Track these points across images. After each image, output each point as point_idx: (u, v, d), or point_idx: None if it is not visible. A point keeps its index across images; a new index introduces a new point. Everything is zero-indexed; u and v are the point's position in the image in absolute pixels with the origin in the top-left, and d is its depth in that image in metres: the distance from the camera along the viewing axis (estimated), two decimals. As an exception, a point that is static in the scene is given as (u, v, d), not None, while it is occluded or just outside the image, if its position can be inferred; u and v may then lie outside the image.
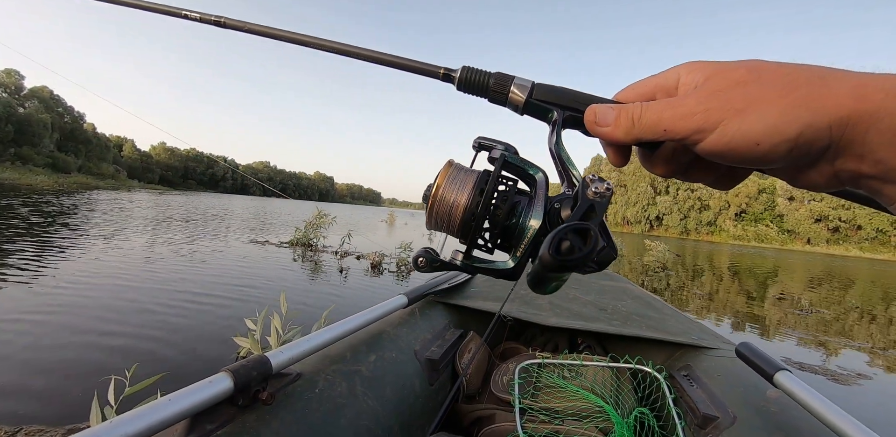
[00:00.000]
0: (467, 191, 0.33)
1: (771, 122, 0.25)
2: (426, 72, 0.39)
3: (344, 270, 6.58)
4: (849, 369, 4.03)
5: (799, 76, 0.25)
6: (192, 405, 0.60)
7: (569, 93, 0.34)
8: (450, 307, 1.58)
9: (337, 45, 0.42)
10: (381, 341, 1.12)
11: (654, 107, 0.29)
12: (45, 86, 65.35)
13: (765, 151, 0.25)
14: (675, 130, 0.28)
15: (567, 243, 0.24)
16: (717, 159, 0.28)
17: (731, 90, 0.26)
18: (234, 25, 0.48)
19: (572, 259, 0.24)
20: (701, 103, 0.27)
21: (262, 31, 0.46)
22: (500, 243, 0.34)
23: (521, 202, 0.33)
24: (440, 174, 0.33)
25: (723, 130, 0.26)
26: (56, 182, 39.84)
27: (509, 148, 0.36)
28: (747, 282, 11.40)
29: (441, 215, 0.33)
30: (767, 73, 0.26)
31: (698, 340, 1.40)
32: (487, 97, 0.37)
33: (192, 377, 0.76)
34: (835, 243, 74.55)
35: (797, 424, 0.89)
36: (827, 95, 0.24)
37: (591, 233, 0.24)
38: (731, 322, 5.78)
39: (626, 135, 0.30)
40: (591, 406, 1.08)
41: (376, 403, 0.94)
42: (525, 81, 0.35)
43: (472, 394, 1.29)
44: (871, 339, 5.54)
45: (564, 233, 0.24)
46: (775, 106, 0.25)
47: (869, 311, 8.05)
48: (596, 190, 0.28)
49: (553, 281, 0.29)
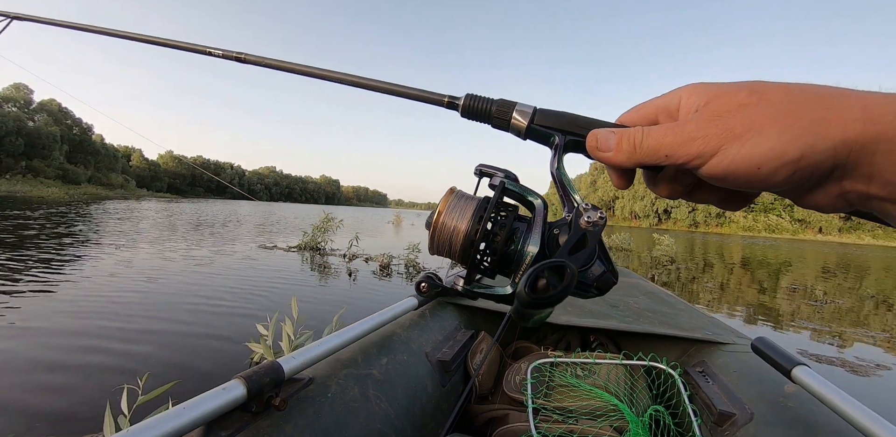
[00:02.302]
0: (467, 218, 0.33)
1: (771, 145, 0.24)
2: (431, 100, 0.40)
3: (353, 272, 6.60)
4: (867, 359, 3.97)
5: (801, 98, 0.25)
6: (206, 412, 0.61)
7: (570, 117, 0.34)
8: (460, 308, 1.58)
9: (348, 76, 0.45)
10: (392, 344, 1.12)
11: (655, 132, 0.29)
12: (54, 99, 66.35)
13: (766, 174, 0.25)
14: (676, 155, 0.28)
15: (543, 280, 0.25)
16: (719, 183, 0.28)
17: (732, 114, 0.26)
18: (254, 61, 0.52)
19: (548, 297, 0.24)
20: (701, 129, 0.27)
21: (278, 66, 0.50)
22: (500, 268, 0.35)
23: (519, 228, 0.34)
24: (442, 201, 0.34)
25: (723, 155, 0.26)
26: (66, 194, 40.43)
27: (509, 175, 0.37)
28: (759, 273, 11.27)
29: (442, 241, 0.34)
30: (769, 94, 0.26)
31: (713, 335, 1.38)
32: (490, 123, 0.37)
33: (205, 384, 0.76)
34: (847, 231, 73.50)
35: (816, 419, 0.87)
36: (832, 117, 0.24)
37: (567, 270, 0.25)
38: (745, 315, 5.72)
39: (627, 160, 0.30)
40: (605, 405, 1.07)
41: (389, 406, 0.93)
42: (527, 106, 0.36)
43: (485, 395, 1.28)
44: (889, 328, 5.45)
45: (542, 270, 0.25)
46: (776, 129, 0.24)
47: (884, 300, 7.92)
48: (589, 219, 0.29)
49: (534, 316, 0.29)
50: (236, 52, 0.55)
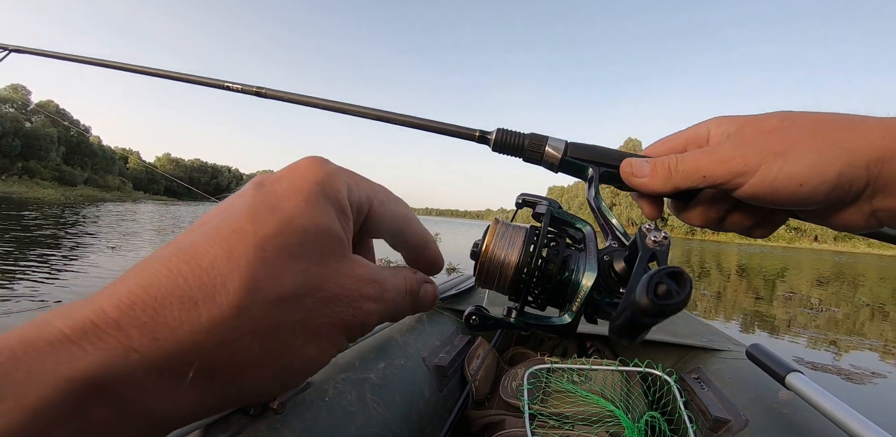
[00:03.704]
0: (517, 248, 0.32)
1: (812, 162, 0.25)
2: (462, 135, 0.40)
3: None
4: (862, 367, 3.98)
5: (829, 121, 0.26)
6: (204, 415, 0.61)
7: (602, 150, 0.35)
8: (458, 314, 1.59)
9: (376, 111, 0.43)
10: (389, 349, 1.13)
11: (690, 156, 0.30)
12: (51, 100, 66.39)
13: (808, 191, 0.26)
14: (715, 175, 0.28)
15: (664, 286, 0.23)
16: (758, 202, 0.28)
17: (767, 136, 0.27)
18: (273, 95, 0.50)
19: (671, 303, 0.22)
20: (738, 148, 0.27)
21: (299, 100, 0.47)
22: (551, 297, 0.34)
23: (572, 256, 0.33)
24: (489, 232, 0.33)
25: (765, 173, 0.26)
26: (63, 195, 40.25)
27: (553, 203, 0.36)
28: (755, 281, 11.30)
29: (492, 273, 0.33)
30: (798, 120, 0.27)
31: (708, 342, 1.39)
32: (522, 157, 0.38)
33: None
34: (842, 239, 73.81)
35: (810, 426, 0.88)
36: (860, 137, 0.25)
37: (684, 276, 0.23)
38: (741, 323, 5.73)
39: (663, 184, 0.30)
40: (601, 411, 1.08)
41: (386, 410, 0.94)
42: (558, 140, 0.36)
43: (482, 400, 1.29)
44: (884, 336, 5.46)
45: (660, 277, 0.23)
46: (813, 148, 0.25)
47: (880, 308, 7.95)
48: (654, 239, 0.27)
49: (648, 328, 0.27)
50: (255, 87, 0.52)
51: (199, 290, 0.15)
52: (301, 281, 0.17)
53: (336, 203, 0.19)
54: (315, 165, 0.19)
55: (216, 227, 0.16)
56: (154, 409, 0.14)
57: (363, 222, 0.21)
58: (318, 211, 0.18)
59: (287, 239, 0.16)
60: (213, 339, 0.15)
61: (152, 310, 0.14)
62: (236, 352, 0.16)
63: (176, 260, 0.15)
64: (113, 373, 0.13)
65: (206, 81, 0.54)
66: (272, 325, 0.16)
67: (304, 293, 0.17)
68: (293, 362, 0.18)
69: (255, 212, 0.17)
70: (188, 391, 0.15)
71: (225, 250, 0.15)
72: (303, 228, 0.17)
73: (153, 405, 0.14)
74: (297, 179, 0.18)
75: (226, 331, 0.15)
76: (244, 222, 0.16)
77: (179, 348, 0.14)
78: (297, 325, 0.17)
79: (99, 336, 0.14)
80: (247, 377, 0.17)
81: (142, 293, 0.15)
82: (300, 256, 0.17)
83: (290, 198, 0.17)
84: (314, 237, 0.17)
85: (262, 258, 0.16)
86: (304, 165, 0.19)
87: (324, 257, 0.18)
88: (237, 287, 0.15)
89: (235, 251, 0.15)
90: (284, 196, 0.17)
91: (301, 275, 0.17)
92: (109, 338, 0.14)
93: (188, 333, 0.14)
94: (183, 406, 0.15)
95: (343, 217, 0.19)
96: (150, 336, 0.14)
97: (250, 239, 0.16)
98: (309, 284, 0.17)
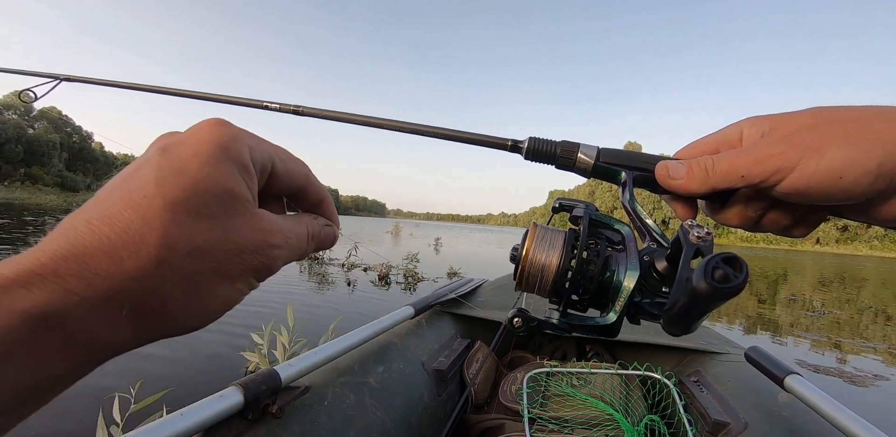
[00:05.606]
0: (557, 250, 0.33)
1: (850, 155, 0.25)
2: (494, 144, 0.40)
3: (351, 282, 6.56)
4: (865, 370, 3.95)
5: (863, 115, 0.26)
6: (203, 419, 0.61)
7: (634, 155, 0.36)
8: (457, 317, 1.59)
9: (411, 125, 0.44)
10: (388, 353, 1.13)
11: (726, 156, 0.30)
12: (54, 106, 66.65)
13: (848, 184, 0.26)
14: (753, 174, 0.28)
15: (721, 271, 0.23)
16: (798, 199, 0.28)
17: (802, 133, 0.27)
18: (311, 113, 0.51)
19: (730, 287, 0.23)
20: (775, 146, 0.28)
21: (336, 117, 0.48)
22: (592, 298, 0.34)
23: (612, 256, 0.33)
24: (528, 237, 0.33)
25: (804, 168, 0.26)
26: (65, 201, 40.32)
27: (589, 206, 0.36)
28: (757, 284, 11.26)
29: (532, 277, 0.33)
30: (832, 115, 0.27)
31: (707, 345, 1.39)
32: (555, 164, 0.38)
33: (199, 392, 0.76)
34: (844, 242, 73.66)
35: (809, 428, 0.88)
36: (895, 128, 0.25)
37: (739, 261, 0.23)
38: (743, 326, 5.70)
39: (701, 185, 0.31)
40: (600, 415, 1.07)
41: (385, 415, 0.94)
42: (590, 147, 0.37)
43: (481, 404, 1.28)
44: (887, 339, 5.44)
45: (716, 262, 0.23)
46: (851, 142, 0.26)
47: (883, 310, 7.91)
48: (698, 234, 0.28)
49: (704, 315, 0.27)
50: (293, 106, 0.53)
51: (122, 247, 0.18)
52: (209, 236, 0.19)
53: (239, 163, 0.21)
54: (217, 127, 0.21)
55: (128, 192, 0.19)
56: (96, 340, 0.18)
57: (267, 179, 0.23)
58: (221, 173, 0.20)
59: (193, 200, 0.19)
60: (141, 285, 0.18)
61: (83, 262, 0.17)
62: (160, 295, 0.19)
63: (97, 223, 0.18)
64: (58, 309, 0.16)
65: (246, 102, 0.56)
66: (189, 273, 0.19)
67: (214, 246, 0.20)
68: (211, 302, 0.21)
69: (161, 177, 0.19)
70: (124, 326, 0.18)
71: (139, 214, 0.18)
72: (206, 189, 0.19)
73: (95, 337, 0.18)
74: (199, 142, 0.20)
75: (150, 278, 0.18)
76: (152, 188, 0.19)
77: (112, 292, 0.17)
78: (211, 272, 0.20)
79: (42, 281, 0.16)
80: (173, 315, 0.20)
81: (72, 249, 0.17)
82: (206, 215, 0.19)
83: (193, 161, 0.19)
84: (218, 197, 0.20)
85: (172, 219, 0.18)
86: (205, 128, 0.21)
87: (229, 214, 0.20)
88: (155, 243, 0.18)
89: (148, 215, 0.18)
90: (187, 160, 0.19)
91: (209, 231, 0.19)
92: (50, 283, 0.16)
93: (118, 280, 0.17)
94: (121, 338, 0.18)
95: (247, 175, 0.21)
96: (84, 282, 0.17)
97: (159, 203, 0.18)
98: (217, 238, 0.20)
